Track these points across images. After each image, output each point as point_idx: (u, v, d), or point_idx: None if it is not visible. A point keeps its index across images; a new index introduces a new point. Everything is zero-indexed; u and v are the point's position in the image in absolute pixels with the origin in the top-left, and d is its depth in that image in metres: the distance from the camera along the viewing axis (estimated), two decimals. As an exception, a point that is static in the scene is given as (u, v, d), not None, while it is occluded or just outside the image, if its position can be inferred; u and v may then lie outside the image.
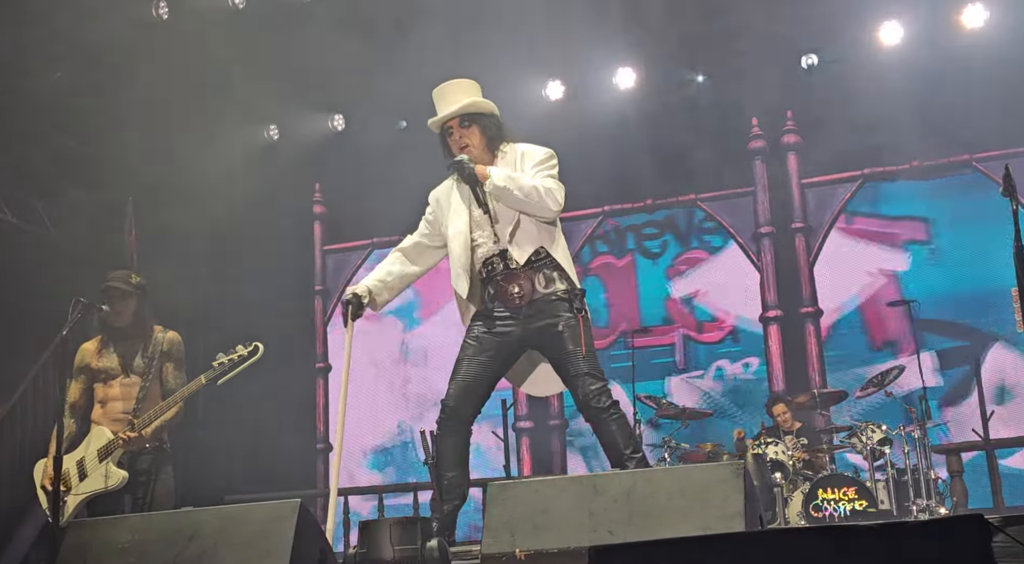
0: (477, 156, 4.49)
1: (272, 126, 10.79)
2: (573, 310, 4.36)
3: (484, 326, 4.45)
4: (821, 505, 7.63)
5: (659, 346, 10.42)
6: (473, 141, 4.50)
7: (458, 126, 4.50)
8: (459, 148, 4.50)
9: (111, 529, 4.01)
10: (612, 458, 4.32)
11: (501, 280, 4.41)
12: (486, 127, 4.52)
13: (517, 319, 4.41)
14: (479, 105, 4.53)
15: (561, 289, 4.39)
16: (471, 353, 4.43)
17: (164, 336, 5.54)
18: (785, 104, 10.29)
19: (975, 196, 9.60)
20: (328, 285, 11.64)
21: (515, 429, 10.26)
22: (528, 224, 4.41)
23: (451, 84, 4.60)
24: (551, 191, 4.37)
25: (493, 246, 4.42)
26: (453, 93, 4.55)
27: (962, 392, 9.39)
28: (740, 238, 10.47)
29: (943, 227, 9.87)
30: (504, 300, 4.41)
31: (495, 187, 4.34)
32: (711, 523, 3.35)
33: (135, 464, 5.35)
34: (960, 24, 9.39)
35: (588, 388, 4.28)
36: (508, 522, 3.65)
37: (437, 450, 4.37)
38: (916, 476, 7.68)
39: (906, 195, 10.05)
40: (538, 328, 4.38)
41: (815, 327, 10.07)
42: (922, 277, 9.79)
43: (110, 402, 5.45)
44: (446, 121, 4.52)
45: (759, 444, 8.21)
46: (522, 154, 4.52)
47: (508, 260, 4.40)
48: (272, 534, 3.67)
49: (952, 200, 9.85)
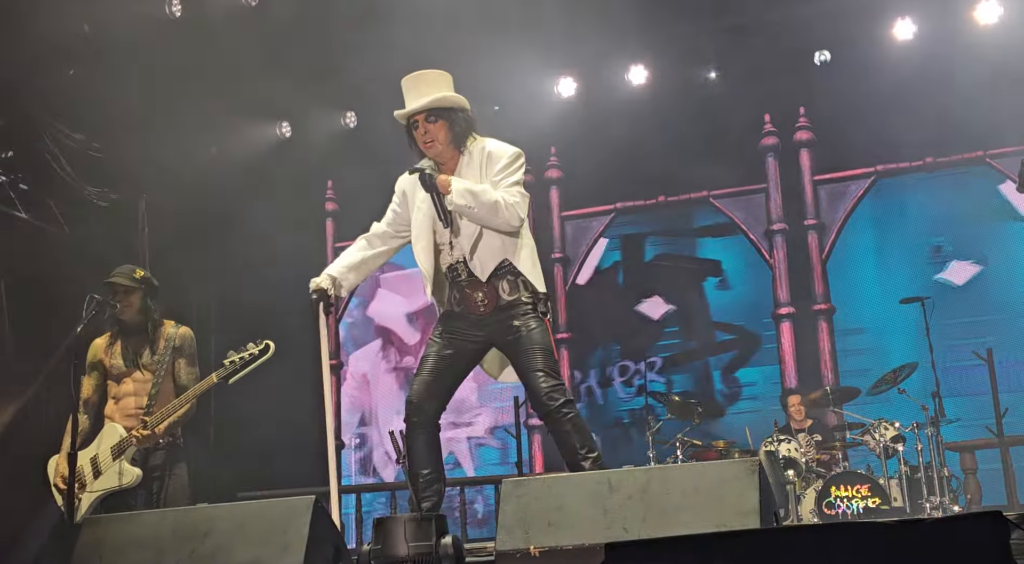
0: (442, 152, 4.41)
1: (285, 123, 10.80)
2: (537, 313, 4.38)
3: (450, 326, 4.47)
4: (834, 502, 7.62)
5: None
6: (439, 137, 4.39)
7: (424, 121, 4.39)
8: (424, 143, 4.42)
9: (126, 525, 4.02)
10: (567, 458, 4.30)
11: (466, 286, 4.42)
12: (454, 122, 4.40)
13: (482, 324, 4.43)
14: (448, 99, 4.41)
15: (525, 295, 4.39)
16: (436, 351, 4.45)
17: (176, 332, 5.55)
18: (798, 101, 10.27)
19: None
20: (340, 282, 11.64)
21: (527, 426, 10.26)
22: (491, 237, 4.37)
23: (421, 75, 4.48)
24: (513, 206, 4.28)
25: (458, 253, 4.42)
26: (422, 85, 4.43)
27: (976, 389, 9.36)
28: (752, 235, 10.45)
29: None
30: (469, 306, 4.42)
31: (455, 204, 4.26)
32: (726, 520, 3.34)
33: (148, 460, 5.37)
34: (974, 20, 9.35)
35: (541, 386, 4.27)
36: (522, 519, 3.65)
37: (408, 448, 4.37)
38: (929, 473, 7.66)
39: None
40: (501, 329, 4.40)
41: (828, 324, 10.05)
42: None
43: (123, 398, 5.47)
44: (413, 115, 4.41)
45: (772, 441, 8.19)
46: (488, 155, 4.41)
47: (469, 269, 4.40)
48: (287, 530, 3.69)
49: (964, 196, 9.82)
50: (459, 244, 4.40)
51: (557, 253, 10.84)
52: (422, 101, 4.38)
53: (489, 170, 4.38)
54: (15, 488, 8.41)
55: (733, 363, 10.34)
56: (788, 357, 10.06)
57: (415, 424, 4.41)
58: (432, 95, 4.39)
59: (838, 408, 8.55)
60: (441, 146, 4.41)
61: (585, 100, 10.34)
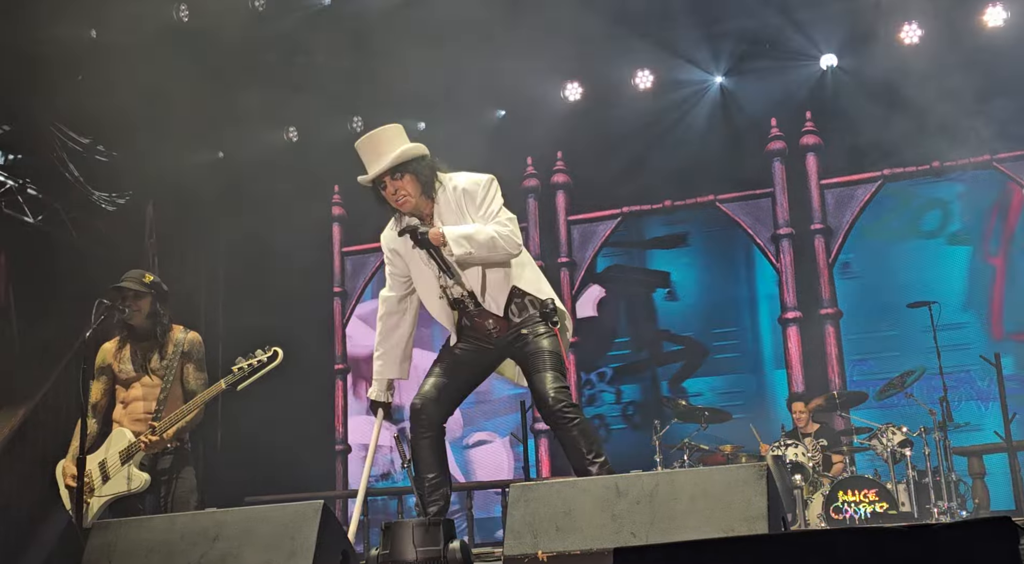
0: (415, 204, 4.39)
1: (292, 128, 10.82)
2: (548, 324, 4.39)
3: (466, 337, 4.49)
4: (841, 507, 7.60)
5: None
6: (409, 190, 4.37)
7: (391, 180, 4.37)
8: (396, 202, 4.39)
9: (135, 530, 4.03)
10: (574, 463, 4.29)
11: (475, 316, 4.45)
12: (419, 173, 4.38)
13: (492, 343, 4.47)
14: (407, 153, 4.38)
15: (535, 312, 4.41)
16: (447, 358, 4.48)
17: (185, 337, 5.56)
18: (804, 105, 10.27)
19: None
20: (347, 287, 11.67)
21: (533, 431, 10.26)
22: (494, 274, 4.38)
23: (373, 136, 4.46)
24: (507, 236, 4.29)
25: (459, 290, 4.42)
26: (378, 144, 4.41)
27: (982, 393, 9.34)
28: (759, 239, 10.45)
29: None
30: (480, 331, 4.46)
31: (455, 255, 4.26)
32: (734, 525, 3.34)
33: (157, 465, 5.37)
34: (980, 24, 9.35)
35: (549, 390, 4.27)
36: (530, 524, 3.65)
37: (413, 453, 4.38)
38: (937, 478, 7.65)
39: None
40: (512, 339, 4.43)
41: (835, 328, 10.04)
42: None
43: (131, 403, 5.47)
44: (379, 176, 4.39)
45: (778, 446, 8.18)
46: (463, 191, 4.39)
47: (476, 301, 4.41)
48: (296, 535, 3.69)
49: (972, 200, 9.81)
50: (464, 279, 4.40)
51: (563, 257, 10.85)
52: (383, 162, 4.36)
53: (469, 207, 4.38)
54: (24, 492, 8.44)
55: (680, 373, 10.37)
56: (795, 361, 10.05)
57: (419, 430, 4.41)
58: (391, 153, 4.37)
59: (845, 413, 8.53)
60: (414, 199, 4.39)
61: (592, 104, 10.35)
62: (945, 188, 9.95)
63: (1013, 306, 9.53)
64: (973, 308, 9.69)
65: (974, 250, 9.76)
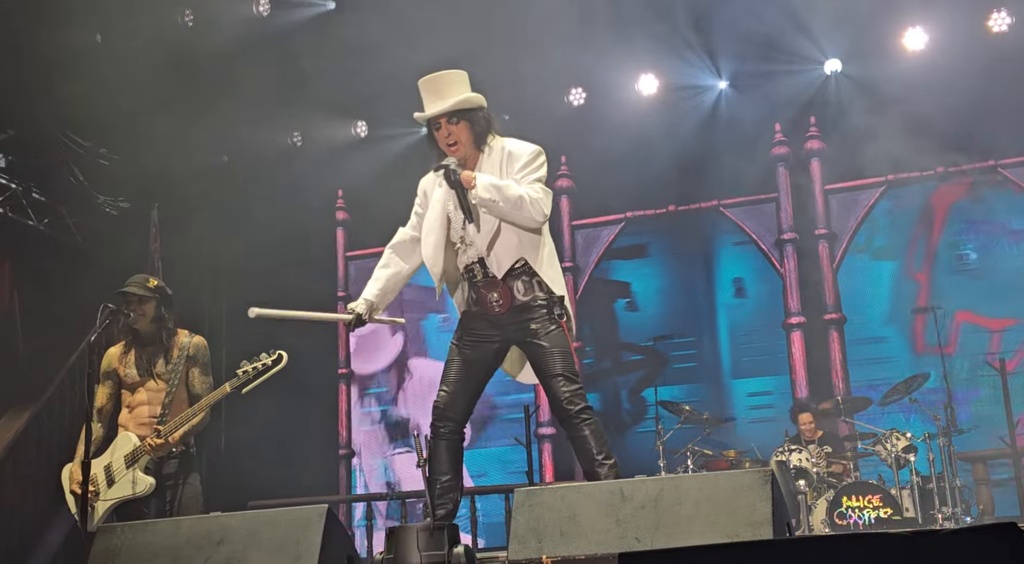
0: (464, 153, 4.45)
1: (296, 132, 10.84)
2: (553, 315, 4.37)
3: (469, 330, 4.49)
4: (846, 513, 7.59)
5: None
6: (461, 137, 4.43)
7: (447, 122, 4.42)
8: (447, 145, 4.44)
9: (140, 534, 4.04)
10: (584, 464, 4.30)
11: (481, 287, 4.43)
12: (475, 122, 4.44)
13: (499, 324, 4.44)
14: (469, 100, 4.45)
15: (541, 296, 4.40)
16: (458, 356, 4.47)
17: (190, 341, 5.57)
18: (808, 110, 10.26)
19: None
20: (351, 291, 11.66)
21: (537, 436, 10.26)
22: (509, 234, 4.38)
23: (439, 76, 4.51)
24: (537, 201, 4.30)
25: (474, 253, 4.43)
26: (442, 86, 4.46)
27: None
28: (763, 244, 10.44)
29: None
30: (484, 306, 4.44)
31: (480, 198, 4.28)
32: (739, 530, 3.34)
33: (162, 469, 5.39)
34: (985, 29, 9.35)
35: (562, 390, 4.28)
36: (535, 529, 3.65)
37: (430, 454, 4.39)
38: (941, 484, 7.64)
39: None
40: (518, 331, 4.41)
41: (839, 333, 10.03)
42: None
43: (137, 407, 5.49)
44: (435, 117, 4.44)
45: (783, 451, 8.18)
46: (508, 153, 4.45)
47: (487, 268, 4.41)
48: (300, 539, 3.70)
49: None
50: (476, 243, 4.41)
51: (567, 262, 10.85)
52: (445, 103, 4.42)
53: (510, 168, 4.42)
54: (29, 496, 8.45)
55: (640, 383, 10.40)
56: (799, 367, 10.04)
57: (441, 431, 4.43)
58: (453, 97, 4.42)
59: (849, 418, 8.52)
60: (464, 147, 4.44)
61: (595, 109, 10.35)
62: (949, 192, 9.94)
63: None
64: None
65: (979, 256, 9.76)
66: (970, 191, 9.80)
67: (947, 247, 9.82)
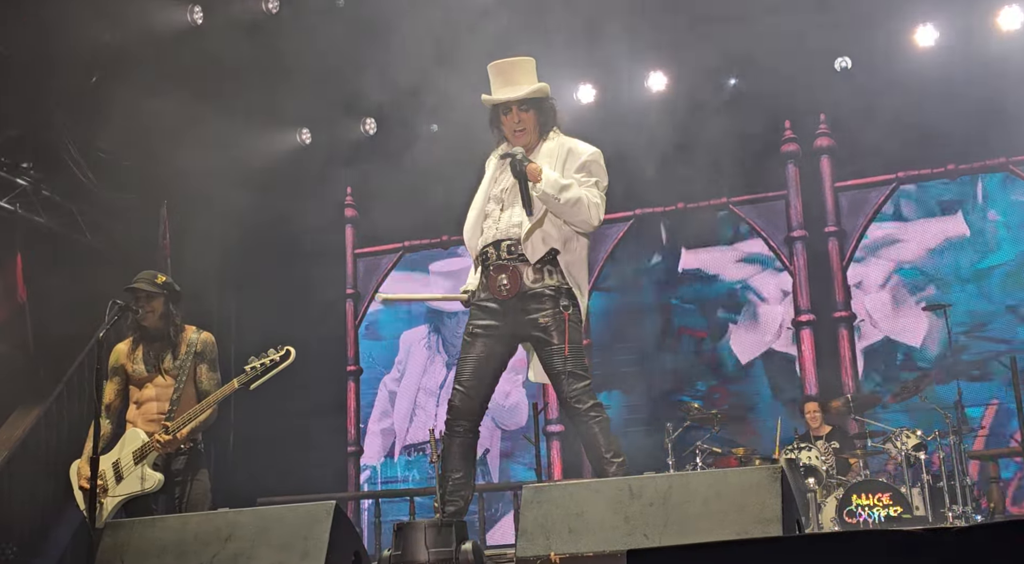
0: (528, 141, 4.51)
1: (304, 130, 10.84)
2: (559, 306, 4.36)
3: (477, 324, 4.48)
4: (855, 511, 7.57)
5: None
6: (528, 125, 4.51)
7: (518, 109, 4.50)
8: (513, 130, 4.51)
9: (148, 530, 4.04)
10: (592, 460, 4.32)
11: (491, 269, 4.44)
12: (542, 112, 4.54)
13: (505, 313, 4.43)
14: (543, 90, 4.54)
15: (550, 284, 4.39)
16: (470, 353, 4.47)
17: (198, 337, 5.57)
18: (818, 107, 10.23)
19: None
20: (360, 288, 11.67)
21: (545, 433, 10.25)
22: (550, 226, 4.41)
23: (513, 63, 4.59)
24: (596, 206, 4.39)
25: (496, 233, 4.45)
26: (515, 72, 4.55)
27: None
28: (772, 242, 10.41)
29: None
30: (492, 290, 4.44)
31: (543, 193, 4.32)
32: (748, 527, 3.33)
33: (170, 465, 5.39)
34: (996, 26, 9.30)
35: (571, 387, 4.28)
36: (543, 525, 3.64)
37: (444, 450, 4.40)
38: (952, 482, 7.60)
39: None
40: (525, 321, 4.41)
41: (848, 331, 10.00)
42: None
43: (145, 403, 5.49)
44: (506, 102, 4.50)
45: (792, 449, 8.16)
46: (569, 150, 4.51)
47: (501, 250, 4.42)
48: (308, 536, 3.69)
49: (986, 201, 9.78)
50: (507, 221, 4.44)
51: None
52: (519, 90, 4.49)
53: (570, 165, 4.46)
54: (38, 492, 8.47)
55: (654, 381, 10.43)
56: (808, 364, 10.01)
57: (456, 430, 4.43)
58: (526, 84, 4.51)
59: (859, 416, 8.50)
60: (529, 135, 4.52)
61: (605, 106, 10.32)
62: (960, 190, 9.91)
63: None
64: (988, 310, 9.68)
65: (989, 253, 9.73)
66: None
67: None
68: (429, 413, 11.01)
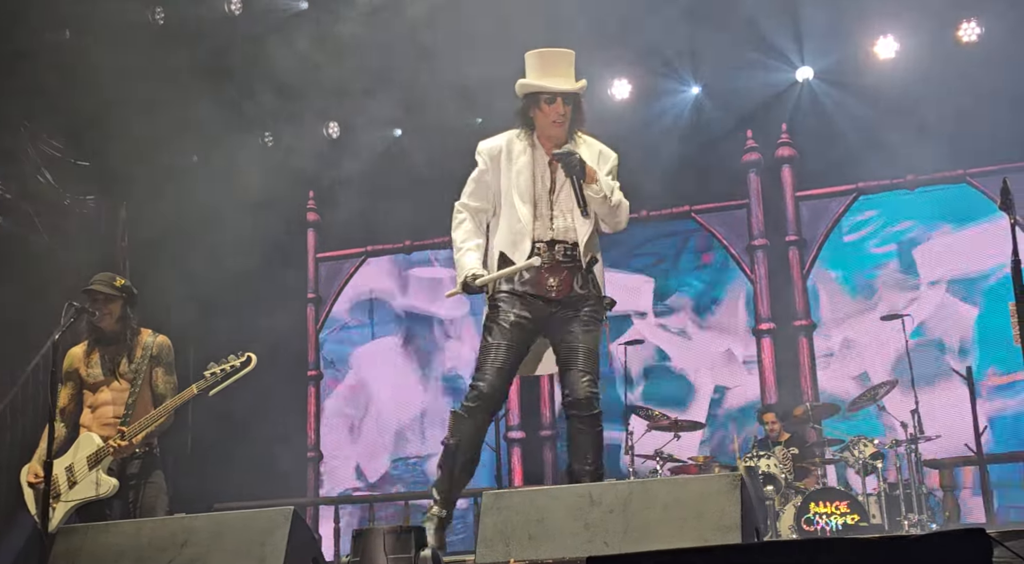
0: (561, 136, 4.50)
1: (267, 133, 10.76)
2: (599, 314, 4.42)
3: (515, 311, 4.39)
4: (813, 519, 7.62)
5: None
6: (567, 119, 4.51)
7: (563, 101, 4.48)
8: (553, 121, 4.47)
9: (102, 535, 3.97)
10: (573, 461, 4.33)
11: (544, 269, 4.40)
12: (579, 108, 4.55)
13: (545, 311, 4.40)
14: (585, 86, 4.58)
15: (594, 293, 4.44)
16: (502, 339, 4.37)
17: (153, 340, 5.51)
18: (780, 117, 10.31)
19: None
20: (321, 293, 11.61)
21: (506, 439, 10.23)
22: (594, 233, 4.49)
23: (559, 54, 4.58)
24: (627, 209, 4.50)
25: (552, 233, 4.43)
26: (560, 63, 4.54)
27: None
28: (733, 250, 10.48)
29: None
30: (539, 289, 4.39)
31: (598, 192, 4.35)
32: (707, 535, 3.33)
33: (125, 470, 5.32)
34: (955, 39, 9.43)
35: (590, 389, 4.30)
36: (503, 532, 3.63)
37: (461, 431, 4.33)
38: (908, 490, 7.68)
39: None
40: (560, 319, 4.40)
41: (808, 340, 10.07)
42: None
43: (100, 407, 5.42)
44: (553, 94, 4.47)
45: (751, 457, 8.20)
46: (600, 152, 4.56)
47: (555, 252, 4.41)
48: (266, 542, 3.65)
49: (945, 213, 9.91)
50: (562, 223, 4.42)
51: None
52: (568, 83, 4.50)
53: (602, 167, 4.50)
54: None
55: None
56: (768, 372, 10.07)
57: (476, 411, 4.34)
58: (572, 77, 4.53)
59: (818, 424, 8.56)
60: (565, 129, 4.51)
61: (568, 114, 10.32)
62: (919, 200, 10.03)
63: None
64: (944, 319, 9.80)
65: (945, 264, 9.84)
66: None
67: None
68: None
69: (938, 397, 9.38)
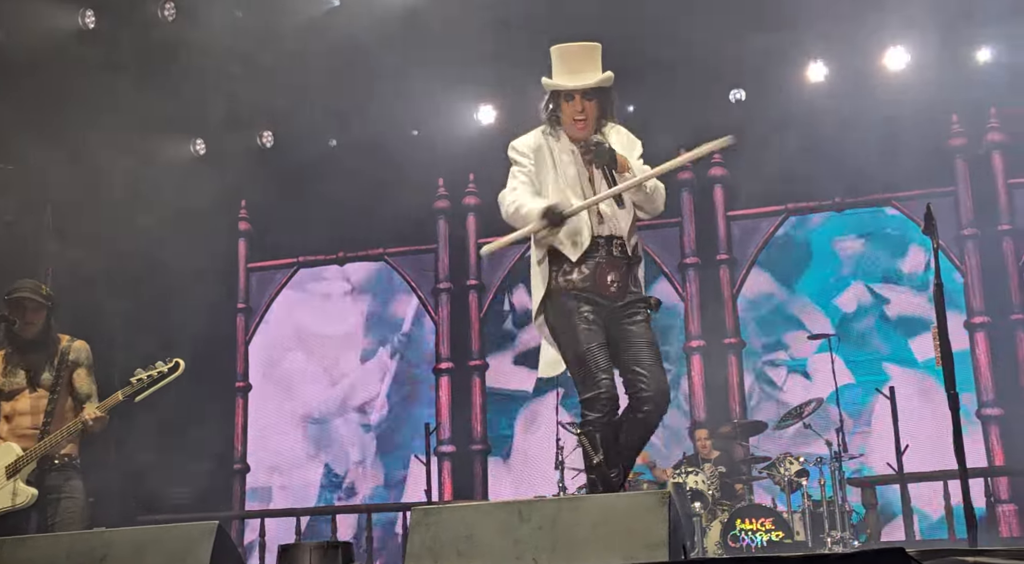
0: (588, 130, 4.40)
1: (199, 140, 10.62)
2: (647, 310, 4.37)
3: (588, 308, 4.29)
4: (739, 535, 7.69)
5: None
6: (590, 114, 4.39)
7: (582, 97, 4.38)
8: (576, 120, 4.38)
9: (17, 549, 3.87)
10: (625, 458, 4.27)
11: (604, 263, 4.32)
12: (604, 103, 4.44)
13: (606, 307, 4.31)
14: (610, 79, 4.43)
15: (644, 294, 4.40)
16: (595, 340, 4.25)
17: (71, 345, 5.40)
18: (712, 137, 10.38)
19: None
20: (252, 303, 11.47)
21: (437, 453, 10.18)
22: (633, 221, 4.41)
23: (581, 48, 4.46)
24: (663, 193, 4.44)
25: (610, 228, 4.35)
26: (581, 58, 4.43)
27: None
28: (666, 268, 10.57)
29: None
30: (600, 286, 4.31)
31: (630, 179, 4.25)
32: (635, 552, 3.33)
33: (43, 481, 5.19)
34: (882, 66, 9.64)
35: (663, 384, 4.23)
36: (431, 548, 3.60)
37: (603, 444, 4.16)
38: (831, 508, 7.79)
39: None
40: (619, 317, 4.32)
41: (737, 358, 10.19)
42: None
43: (16, 417, 5.28)
44: (571, 90, 4.37)
45: (679, 473, 8.26)
46: (628, 138, 4.50)
47: (613, 247, 4.33)
48: (188, 557, 3.58)
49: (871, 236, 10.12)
50: (620, 218, 4.34)
51: (472, 280, 10.84)
52: (587, 78, 4.37)
53: (631, 153, 4.43)
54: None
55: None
56: (698, 389, 10.17)
57: (606, 419, 4.19)
58: (596, 74, 4.40)
59: (745, 442, 8.66)
60: (589, 124, 4.40)
61: (504, 128, 10.32)
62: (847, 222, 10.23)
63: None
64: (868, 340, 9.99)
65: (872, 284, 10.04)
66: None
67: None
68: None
69: (863, 416, 9.57)
